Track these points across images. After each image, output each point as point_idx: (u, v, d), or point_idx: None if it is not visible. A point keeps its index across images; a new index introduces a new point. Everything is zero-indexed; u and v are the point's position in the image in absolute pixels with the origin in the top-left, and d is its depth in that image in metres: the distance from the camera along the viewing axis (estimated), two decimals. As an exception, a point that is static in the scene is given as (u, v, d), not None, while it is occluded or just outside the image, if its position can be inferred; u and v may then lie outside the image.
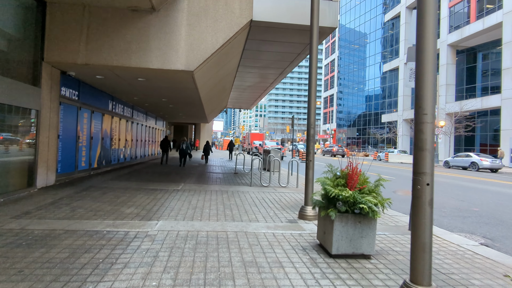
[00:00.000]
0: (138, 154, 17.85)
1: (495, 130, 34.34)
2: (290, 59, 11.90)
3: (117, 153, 14.01)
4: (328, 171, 4.51)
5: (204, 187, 9.47)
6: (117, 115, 13.86)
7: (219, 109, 26.56)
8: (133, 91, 12.00)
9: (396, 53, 51.67)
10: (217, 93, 15.66)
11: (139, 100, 14.50)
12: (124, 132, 15.07)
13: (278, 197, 8.37)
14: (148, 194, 7.89)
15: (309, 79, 6.29)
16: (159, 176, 11.69)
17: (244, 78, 15.35)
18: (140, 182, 9.88)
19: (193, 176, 12.06)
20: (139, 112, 17.61)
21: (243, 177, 12.35)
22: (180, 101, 14.33)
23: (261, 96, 22.00)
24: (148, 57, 7.93)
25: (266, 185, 10.23)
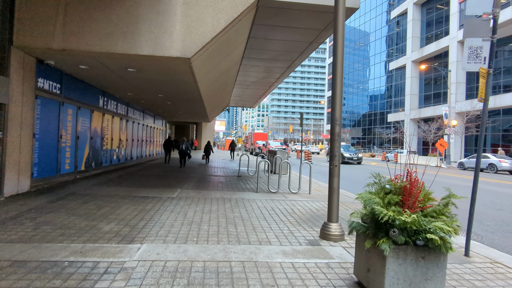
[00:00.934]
0: (134, 155, 16.66)
1: (505, 130, 33.01)
2: (301, 49, 10.64)
3: (109, 154, 12.81)
4: (374, 183, 3.25)
5: (203, 194, 8.23)
6: (110, 113, 12.66)
7: (221, 108, 25.34)
8: (125, 86, 10.79)
9: (403, 51, 50.29)
10: (219, 89, 14.43)
11: (134, 97, 13.29)
12: (118, 131, 13.87)
13: (290, 206, 7.13)
14: (137, 204, 6.66)
15: (333, 65, 5.04)
16: (154, 180, 10.47)
17: (248, 72, 14.11)
18: (131, 188, 8.65)
19: (192, 180, 10.84)
20: (135, 110, 16.41)
21: (247, 181, 11.12)
22: (179, 97, 13.12)
23: (266, 94, 20.76)
24: (137, 42, 6.71)
25: (275, 191, 8.99)
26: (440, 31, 43.11)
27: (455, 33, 38.36)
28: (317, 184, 11.23)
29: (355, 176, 16.12)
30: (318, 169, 19.31)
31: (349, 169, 20.41)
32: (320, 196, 8.71)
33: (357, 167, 23.17)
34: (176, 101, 14.54)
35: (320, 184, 11.36)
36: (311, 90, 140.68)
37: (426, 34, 45.74)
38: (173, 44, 6.77)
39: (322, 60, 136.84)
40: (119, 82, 10.21)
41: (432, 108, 41.67)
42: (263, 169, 16.17)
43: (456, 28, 38.38)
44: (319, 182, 11.83)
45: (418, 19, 46.89)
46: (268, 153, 16.39)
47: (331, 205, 4.87)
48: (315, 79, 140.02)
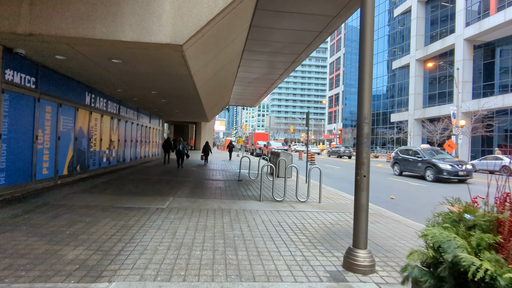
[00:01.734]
0: (127, 157, 15.59)
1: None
2: (308, 40, 9.59)
3: (98, 156, 11.75)
4: (448, 217, 2.17)
5: (199, 203, 7.16)
6: (98, 111, 11.59)
7: (220, 106, 24.28)
8: (113, 81, 9.73)
9: (406, 50, 49.29)
10: (218, 85, 13.37)
11: (125, 94, 12.23)
12: (109, 131, 12.81)
13: (300, 220, 6.06)
14: (118, 218, 5.59)
15: (361, 49, 3.98)
16: (146, 185, 9.40)
17: (249, 68, 13.06)
18: (116, 196, 7.59)
19: (188, 185, 9.77)
20: (128, 109, 15.35)
21: (249, 186, 10.05)
22: (173, 94, 12.06)
23: (267, 92, 19.71)
24: (119, 26, 5.64)
25: (280, 199, 7.92)
26: (445, 29, 42.09)
27: (461, 31, 37.33)
28: (325, 189, 10.17)
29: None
30: (323, 172, 18.24)
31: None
32: (332, 205, 7.65)
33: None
34: (171, 99, 13.48)
35: (328, 189, 10.29)
36: (312, 90, 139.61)
37: (431, 32, 44.71)
38: (161, 28, 5.70)
39: (323, 60, 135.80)
40: (105, 77, 9.15)
41: (437, 107, 40.65)
42: (265, 172, 15.11)
43: (462, 25, 37.35)
44: (327, 187, 10.77)
45: (422, 17, 45.86)
46: (270, 155, 15.33)
47: (358, 227, 3.81)
48: (315, 79, 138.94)
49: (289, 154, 13.42)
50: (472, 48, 37.35)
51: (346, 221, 6.20)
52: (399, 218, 6.66)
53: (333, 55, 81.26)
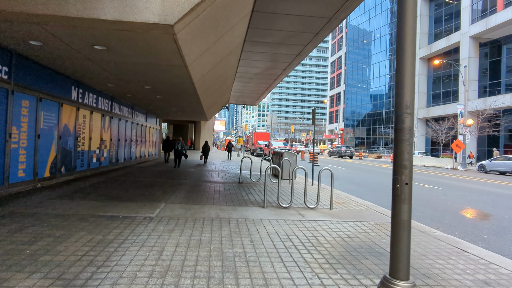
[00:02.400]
0: (121, 157, 14.68)
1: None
2: (316, 29, 8.67)
3: (86, 157, 10.84)
4: None
5: (194, 211, 6.25)
6: (87, 107, 10.68)
7: (220, 105, 23.37)
8: (101, 74, 8.81)
9: (410, 48, 48.24)
10: (217, 80, 12.46)
11: (116, 89, 11.31)
12: (99, 129, 11.90)
13: (312, 232, 5.16)
14: (97, 231, 4.68)
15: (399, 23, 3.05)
16: (137, 189, 8.49)
17: (251, 61, 12.15)
18: (101, 202, 6.67)
19: (183, 188, 8.86)
20: (122, 106, 14.45)
21: (251, 190, 9.14)
22: (168, 89, 11.15)
23: (269, 89, 18.79)
24: (97, 1, 4.74)
25: (286, 205, 7.00)
26: (449, 27, 41.23)
27: (467, 28, 36.49)
28: (334, 193, 9.26)
29: (371, 179, 14.17)
30: (327, 173, 17.33)
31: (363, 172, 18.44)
32: (345, 213, 6.74)
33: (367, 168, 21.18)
34: (167, 95, 12.57)
35: (337, 193, 9.38)
36: (312, 89, 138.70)
37: (435, 30, 43.83)
38: (148, 5, 4.79)
39: (324, 59, 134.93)
40: (91, 69, 8.23)
41: (441, 107, 39.78)
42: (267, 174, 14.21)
43: (468, 22, 36.51)
44: (335, 191, 9.86)
45: (426, 15, 45.00)
46: (273, 155, 14.42)
47: (398, 251, 2.89)
48: (316, 78, 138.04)
49: (293, 154, 12.51)
50: (478, 45, 36.50)
51: (365, 233, 5.29)
52: (426, 229, 5.75)
53: (334, 54, 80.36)
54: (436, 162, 27.58)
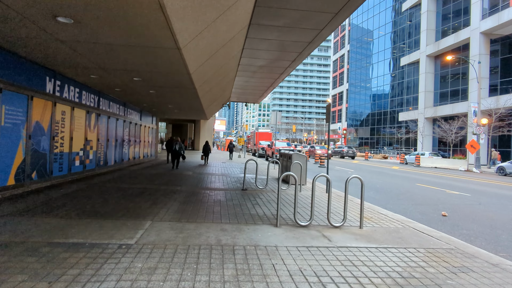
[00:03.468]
0: (110, 159, 13.23)
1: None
2: (337, 7, 7.22)
3: (67, 159, 9.39)
4: None
5: (187, 232, 4.80)
6: (67, 102, 9.24)
7: (220, 102, 21.91)
8: (75, 59, 7.34)
9: (416, 45, 46.97)
10: (216, 74, 11.03)
11: (102, 81, 9.86)
12: (83, 127, 10.46)
13: (349, 268, 3.71)
14: (43, 272, 3.23)
15: None
16: (120, 198, 7.04)
17: (256, 52, 10.70)
18: (68, 219, 5.23)
19: (177, 197, 7.41)
20: (111, 102, 13.00)
21: (257, 199, 7.69)
22: (162, 81, 9.71)
23: (273, 85, 17.34)
24: None
25: (305, 223, 5.54)
26: (457, 23, 39.79)
27: (477, 24, 35.04)
28: (352, 201, 7.82)
29: (387, 183, 12.71)
30: (337, 175, 15.87)
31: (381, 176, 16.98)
32: (379, 232, 5.29)
33: (382, 172, 19.72)
34: (161, 90, 11.12)
35: (357, 202, 7.93)
36: (314, 89, 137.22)
37: (442, 26, 42.37)
38: None
39: (325, 59, 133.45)
40: (63, 52, 6.77)
41: (450, 105, 38.31)
42: (271, 177, 12.75)
43: (478, 18, 35.06)
44: (354, 199, 8.42)
45: (433, 11, 43.54)
46: (280, 157, 12.98)
47: None
48: (317, 78, 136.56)
49: (303, 156, 11.08)
50: (488, 42, 35.05)
51: (421, 268, 3.85)
52: (495, 259, 4.31)
53: (336, 53, 78.91)
54: (448, 164, 26.11)
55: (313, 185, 5.51)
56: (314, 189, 5.50)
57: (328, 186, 5.60)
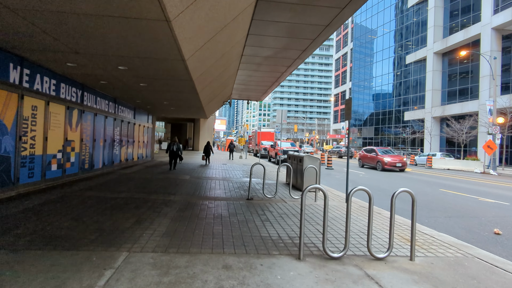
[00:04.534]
0: (98, 161, 11.79)
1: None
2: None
3: (39, 163, 7.94)
4: None
5: (175, 273, 3.35)
6: (39, 96, 7.79)
7: (221, 99, 20.46)
8: (38, 36, 5.88)
9: (422, 42, 45.51)
10: (217, 64, 9.58)
11: (82, 71, 8.39)
12: (63, 126, 9.02)
13: None
14: None
15: None
16: (96, 214, 5.60)
17: (262, 39, 9.24)
18: (9, 254, 3.79)
19: (168, 211, 5.97)
20: (98, 97, 11.56)
21: (267, 213, 6.25)
22: (153, 71, 8.26)
23: (279, 81, 15.87)
24: None
25: (338, 254, 4.09)
26: (466, 19, 38.36)
27: (489, 19, 33.60)
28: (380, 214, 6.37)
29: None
30: (350, 179, 14.41)
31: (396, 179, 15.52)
32: (439, 267, 3.84)
33: (400, 176, 18.26)
34: (153, 82, 9.66)
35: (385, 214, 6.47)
36: (315, 88, 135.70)
37: (450, 22, 40.92)
38: None
39: (327, 58, 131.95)
40: (18, 27, 5.31)
41: (459, 104, 36.86)
42: (281, 183, 11.30)
43: (490, 13, 33.62)
44: (381, 211, 6.98)
45: (440, 6, 42.09)
46: (288, 159, 11.53)
47: None
48: (319, 77, 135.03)
49: (316, 158, 9.65)
50: (500, 38, 33.62)
51: None
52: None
53: (339, 51, 77.44)
54: (462, 165, 24.65)
55: (349, 202, 4.05)
56: (350, 207, 4.05)
57: (369, 204, 4.14)
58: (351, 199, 4.05)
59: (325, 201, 4.01)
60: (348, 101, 8.19)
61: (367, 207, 7.54)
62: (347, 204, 4.03)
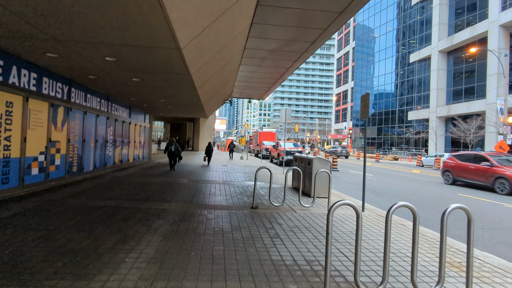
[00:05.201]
0: (88, 164, 10.88)
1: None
2: None
3: (16, 167, 7.02)
4: None
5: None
6: (14, 90, 6.87)
7: (221, 97, 19.53)
8: (11, 21, 4.98)
9: (427, 40, 44.61)
10: (217, 57, 8.67)
11: (67, 64, 7.47)
12: (46, 125, 8.10)
13: None
14: None
15: None
16: (73, 230, 4.69)
17: (268, 29, 8.32)
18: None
19: (160, 225, 5.06)
20: (89, 95, 10.64)
21: (276, 226, 5.34)
22: (143, 61, 7.34)
23: (283, 77, 14.96)
24: None
25: (372, 288, 3.19)
26: (472, 16, 37.46)
27: (496, 16, 32.72)
28: (404, 226, 5.46)
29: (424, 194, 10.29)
30: (359, 182, 13.46)
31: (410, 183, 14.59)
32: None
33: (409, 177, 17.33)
34: (146, 76, 8.75)
35: (425, 232, 5.54)
36: (316, 88, 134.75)
37: (456, 20, 40.00)
38: None
39: (327, 57, 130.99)
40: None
41: (465, 104, 35.94)
42: (282, 185, 10.39)
43: (498, 10, 32.73)
44: (404, 223, 6.07)
45: (445, 4, 41.18)
46: (294, 161, 10.62)
47: None
48: (319, 77, 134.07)
49: (326, 161, 8.74)
50: (508, 35, 32.73)
51: None
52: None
53: (340, 50, 76.52)
54: (472, 167, 23.70)
55: (388, 221, 3.13)
56: (390, 229, 3.13)
57: (414, 225, 3.22)
58: (391, 218, 3.13)
59: (358, 222, 3.09)
60: (365, 97, 7.27)
61: (385, 215, 6.63)
62: (386, 224, 3.11)
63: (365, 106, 7.27)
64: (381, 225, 5.94)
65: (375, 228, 5.75)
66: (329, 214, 3.05)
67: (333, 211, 3.04)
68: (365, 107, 7.30)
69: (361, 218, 3.11)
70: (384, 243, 3.10)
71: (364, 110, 7.33)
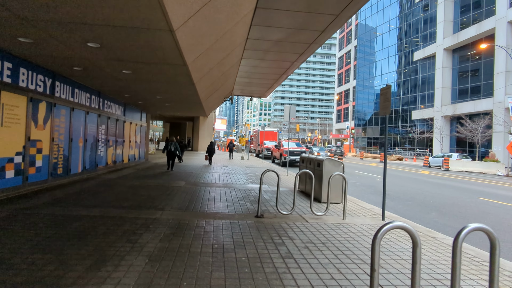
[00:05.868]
0: (76, 165, 9.97)
1: None
2: None
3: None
4: None
5: None
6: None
7: (222, 95, 18.62)
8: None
9: (431, 38, 43.71)
10: (217, 43, 7.75)
11: (44, 52, 6.56)
12: (24, 122, 7.19)
13: None
14: None
15: None
16: (38, 250, 3.78)
17: (273, 15, 7.40)
18: None
19: (147, 242, 4.15)
20: (76, 89, 9.73)
21: (287, 241, 4.42)
22: (133, 48, 6.43)
23: (287, 73, 14.04)
24: None
25: None
26: (478, 13, 36.54)
27: (504, 13, 31.82)
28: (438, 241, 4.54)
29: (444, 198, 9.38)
30: (366, 183, 12.56)
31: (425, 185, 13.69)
32: None
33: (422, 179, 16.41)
34: (139, 67, 7.83)
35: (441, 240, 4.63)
36: (317, 87, 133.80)
37: (461, 17, 39.08)
38: None
39: (328, 56, 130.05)
40: None
41: (471, 103, 35.00)
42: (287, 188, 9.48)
43: (506, 6, 31.82)
44: (442, 238, 5.15)
45: (451, 0, 40.26)
46: (301, 162, 9.72)
47: None
48: (320, 76, 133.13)
49: (338, 162, 7.84)
50: (517, 33, 31.81)
51: None
52: None
53: (342, 49, 75.59)
54: (482, 167, 22.83)
55: (455, 254, 2.22)
56: (459, 261, 2.22)
57: (491, 255, 2.30)
58: (460, 248, 2.21)
59: (416, 253, 2.17)
60: (385, 90, 6.35)
61: (420, 229, 5.68)
62: (454, 256, 2.20)
63: (386, 100, 6.35)
64: (425, 245, 5.03)
65: (408, 244, 4.82)
66: (375, 242, 2.14)
67: (381, 237, 2.13)
68: (385, 101, 6.38)
69: (419, 246, 2.20)
70: (454, 279, 2.18)
71: (384, 105, 6.41)
